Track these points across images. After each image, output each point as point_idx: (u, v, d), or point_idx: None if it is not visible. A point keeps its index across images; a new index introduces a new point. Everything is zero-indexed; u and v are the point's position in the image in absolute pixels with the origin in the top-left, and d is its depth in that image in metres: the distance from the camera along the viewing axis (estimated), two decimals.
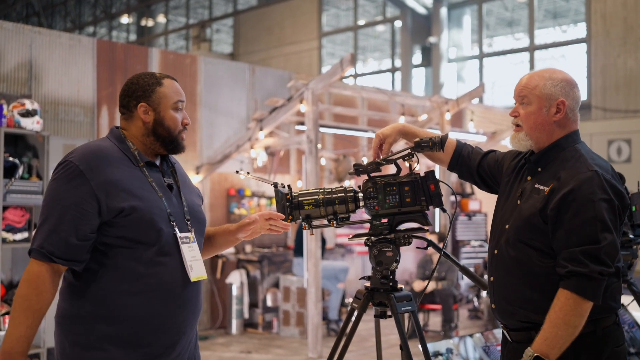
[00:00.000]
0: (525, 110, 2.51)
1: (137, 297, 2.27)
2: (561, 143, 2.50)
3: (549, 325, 2.30)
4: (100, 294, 2.26)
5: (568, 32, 17.63)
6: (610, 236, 2.30)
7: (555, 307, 2.30)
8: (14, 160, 5.68)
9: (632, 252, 4.10)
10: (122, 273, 2.27)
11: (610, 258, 2.30)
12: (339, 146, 10.83)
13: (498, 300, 2.57)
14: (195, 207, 2.52)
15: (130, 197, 2.27)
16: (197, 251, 2.41)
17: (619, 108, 14.75)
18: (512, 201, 2.59)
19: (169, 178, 2.47)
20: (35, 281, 2.21)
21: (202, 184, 8.94)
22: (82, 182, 2.23)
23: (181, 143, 2.46)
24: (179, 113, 2.45)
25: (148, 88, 2.42)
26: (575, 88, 2.51)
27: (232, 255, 8.92)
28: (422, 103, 9.98)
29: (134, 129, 2.43)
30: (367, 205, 2.60)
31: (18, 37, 7.36)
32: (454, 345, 3.74)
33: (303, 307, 8.21)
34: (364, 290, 2.72)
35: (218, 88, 9.37)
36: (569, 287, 2.29)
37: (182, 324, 2.37)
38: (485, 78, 18.01)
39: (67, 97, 7.71)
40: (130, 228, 2.25)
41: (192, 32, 24.41)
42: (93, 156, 2.29)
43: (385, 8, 20.28)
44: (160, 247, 2.30)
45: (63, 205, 2.22)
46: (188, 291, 2.37)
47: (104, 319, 2.25)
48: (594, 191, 2.32)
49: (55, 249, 2.21)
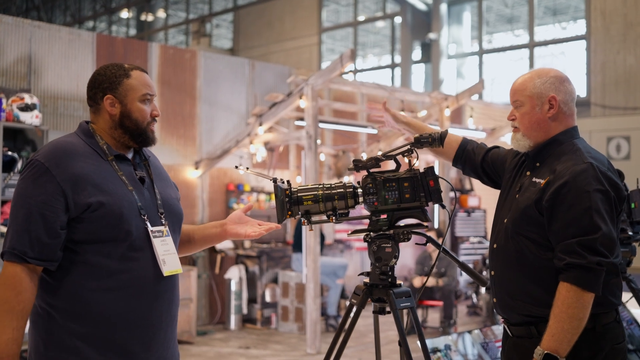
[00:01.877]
0: (520, 112, 2.57)
1: (110, 294, 2.23)
2: (559, 138, 2.54)
3: (554, 321, 2.31)
4: (72, 291, 2.22)
5: (568, 29, 17.62)
6: (606, 227, 2.32)
7: (558, 302, 2.31)
8: (13, 154, 5.68)
9: (631, 249, 4.11)
10: (93, 270, 2.23)
11: (607, 248, 2.31)
12: (338, 142, 10.83)
13: (499, 294, 2.59)
14: (170, 201, 2.47)
15: (98, 192, 2.22)
16: (172, 245, 2.37)
17: (619, 105, 14.75)
18: (511, 196, 2.62)
19: (141, 171, 2.42)
20: (12, 282, 2.16)
21: (201, 179, 8.93)
22: (48, 179, 2.20)
23: (150, 135, 2.41)
24: (147, 105, 2.39)
25: (115, 80, 2.37)
26: (566, 82, 2.56)
27: (231, 251, 8.92)
28: (422, 99, 9.97)
29: (102, 122, 2.38)
30: (367, 201, 2.60)
31: (18, 31, 7.35)
32: (452, 342, 3.74)
33: (302, 302, 8.22)
34: (363, 286, 2.72)
35: (218, 83, 9.36)
36: (569, 279, 2.30)
37: (157, 319, 2.32)
38: (484, 74, 17.99)
39: (66, 92, 7.70)
40: (99, 223, 2.21)
41: (192, 27, 24.36)
42: (59, 152, 2.26)
43: (385, 4, 20.26)
44: (131, 242, 2.26)
45: (31, 204, 2.19)
46: (162, 286, 2.33)
47: (77, 317, 2.21)
48: (589, 182, 2.34)
49: (28, 248, 2.17)
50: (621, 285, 2.53)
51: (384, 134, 10.02)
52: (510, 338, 2.59)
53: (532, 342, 2.44)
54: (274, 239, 9.63)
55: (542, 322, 2.42)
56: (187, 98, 8.95)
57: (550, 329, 2.31)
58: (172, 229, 2.43)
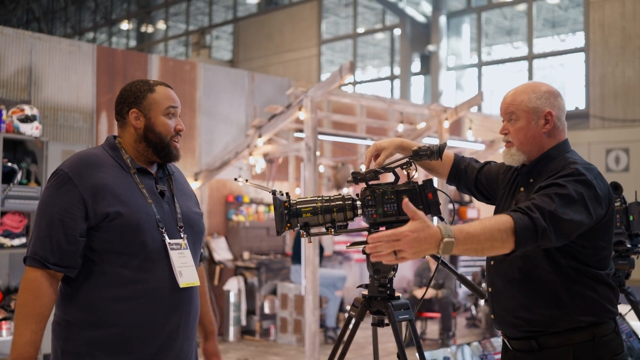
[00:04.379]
0: (515, 127, 2.53)
1: (126, 304, 2.27)
2: (551, 154, 2.52)
3: (476, 224, 2.17)
4: (89, 300, 2.28)
5: (566, 41, 17.70)
6: (565, 215, 2.23)
7: (491, 219, 2.20)
8: (13, 165, 5.68)
9: (630, 262, 4.10)
10: (110, 279, 2.28)
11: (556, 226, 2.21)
12: (337, 154, 10.84)
13: (497, 311, 2.57)
14: (191, 215, 2.52)
15: (117, 202, 2.28)
16: (189, 257, 2.41)
17: (617, 117, 14.78)
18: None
19: (162, 185, 2.47)
20: (32, 287, 2.23)
21: (200, 191, 8.94)
22: (70, 189, 2.27)
23: (173, 151, 2.46)
24: (171, 119, 2.46)
25: (140, 94, 2.43)
26: (559, 97, 2.55)
27: (230, 262, 8.92)
28: (421, 111, 9.99)
29: (127, 136, 2.46)
30: (365, 213, 2.60)
31: (18, 43, 7.38)
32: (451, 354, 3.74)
33: (301, 314, 8.20)
34: (362, 299, 2.72)
35: (217, 95, 9.38)
36: (517, 218, 2.18)
37: (173, 330, 2.36)
38: (483, 86, 18.04)
39: (66, 103, 7.72)
40: (116, 233, 2.26)
41: (191, 39, 24.45)
42: (82, 163, 2.33)
43: (385, 16, 20.33)
44: (147, 253, 2.30)
45: (53, 212, 2.26)
46: (178, 297, 2.36)
47: (93, 326, 2.26)
48: (570, 182, 2.29)
49: (49, 254, 2.24)
50: (618, 296, 2.51)
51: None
52: (510, 352, 2.56)
53: (533, 355, 2.43)
54: (273, 250, 9.63)
55: (543, 335, 2.41)
56: (187, 110, 8.97)
57: (470, 226, 2.16)
58: (192, 243, 2.48)
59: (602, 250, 2.42)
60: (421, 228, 2.04)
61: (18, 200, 5.64)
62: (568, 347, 2.39)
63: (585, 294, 2.39)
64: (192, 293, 2.43)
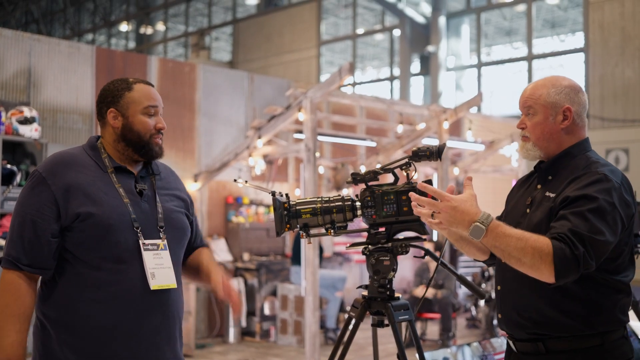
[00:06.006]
0: (532, 121, 2.46)
1: (99, 305, 2.23)
2: (572, 151, 2.46)
3: (517, 232, 2.18)
4: (63, 302, 2.25)
5: (566, 42, 17.69)
6: (602, 234, 2.19)
7: (533, 237, 2.17)
8: (12, 167, 5.68)
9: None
10: (84, 280, 2.25)
11: (595, 250, 2.18)
12: (337, 155, 10.84)
13: (505, 310, 2.49)
14: (173, 215, 2.45)
15: (89, 202, 2.24)
16: (167, 258, 2.34)
17: (617, 117, 14.78)
18: (519, 209, 2.52)
19: (143, 184, 2.41)
20: (10, 288, 2.21)
21: (200, 192, 8.93)
22: (43, 189, 2.25)
23: (154, 148, 2.43)
24: (151, 118, 2.42)
25: (117, 93, 2.39)
26: (580, 92, 2.47)
27: (230, 264, 8.91)
28: (421, 112, 9.99)
29: (107, 136, 2.42)
30: (365, 214, 2.60)
31: (17, 45, 7.37)
32: (451, 355, 3.73)
33: (301, 315, 8.20)
34: (362, 299, 2.72)
35: (217, 96, 9.38)
36: (556, 247, 2.14)
37: (149, 334, 2.29)
38: (483, 87, 18.04)
39: (65, 105, 7.71)
40: (87, 233, 2.23)
41: (191, 40, 24.43)
42: (57, 162, 2.31)
43: (384, 17, 20.33)
44: (119, 253, 2.26)
45: (25, 213, 2.24)
46: (153, 300, 2.30)
47: (67, 328, 2.23)
48: (599, 191, 2.24)
49: (21, 255, 2.22)
50: (630, 303, 2.41)
51: (382, 147, 10.03)
52: (513, 354, 2.48)
53: (539, 359, 2.36)
54: (273, 251, 9.62)
55: (551, 338, 2.34)
56: (186, 111, 8.97)
57: (511, 229, 2.18)
58: (174, 243, 2.41)
59: (621, 254, 2.34)
60: (464, 201, 2.17)
61: None
62: (576, 351, 2.31)
63: (599, 302, 2.32)
64: (171, 295, 2.36)
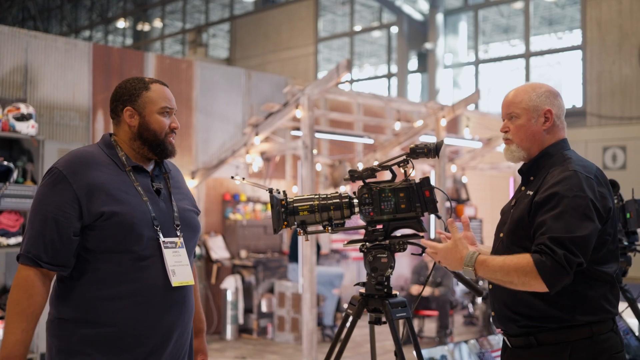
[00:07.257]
0: (515, 124, 2.59)
1: (120, 302, 2.26)
2: (550, 151, 2.58)
3: (500, 261, 2.38)
4: (83, 298, 2.27)
5: (563, 39, 17.70)
6: (581, 230, 2.32)
7: (514, 259, 2.36)
8: (9, 164, 5.66)
9: (627, 259, 4.11)
10: (104, 278, 2.27)
11: (578, 248, 2.30)
12: (334, 152, 10.83)
13: (497, 307, 2.59)
14: (187, 213, 2.50)
15: (111, 201, 2.27)
16: (184, 256, 2.40)
17: (614, 115, 14.79)
18: (506, 211, 2.67)
19: (158, 183, 2.45)
20: (25, 285, 2.22)
21: (197, 189, 8.92)
22: (65, 187, 2.26)
23: (169, 147, 2.45)
24: (166, 117, 2.44)
25: (134, 92, 2.42)
26: (559, 97, 2.62)
27: (227, 261, 8.91)
28: (418, 109, 9.98)
29: (122, 134, 2.44)
30: (362, 211, 2.60)
31: (14, 41, 7.35)
32: (448, 352, 3.74)
33: (298, 312, 8.20)
34: (359, 297, 2.72)
35: (214, 93, 9.36)
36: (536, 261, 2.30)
37: (167, 329, 2.35)
38: (481, 84, 18.04)
39: (62, 102, 7.70)
40: (111, 232, 2.25)
41: (188, 37, 24.39)
42: (77, 161, 2.32)
43: (382, 14, 20.32)
44: (141, 251, 2.29)
45: (47, 211, 2.25)
46: (172, 296, 2.35)
47: (87, 324, 2.25)
48: (571, 188, 2.36)
49: (42, 253, 2.23)
50: (618, 295, 2.54)
51: (380, 144, 10.03)
52: (508, 349, 2.58)
53: (531, 352, 2.45)
54: (270, 249, 9.62)
55: (541, 331, 2.44)
56: (183, 108, 8.95)
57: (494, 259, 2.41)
58: (188, 241, 2.46)
59: (604, 245, 2.45)
60: (449, 250, 2.48)
61: (14, 199, 5.62)
62: (566, 344, 2.40)
63: (583, 292, 2.41)
64: (187, 292, 2.42)
